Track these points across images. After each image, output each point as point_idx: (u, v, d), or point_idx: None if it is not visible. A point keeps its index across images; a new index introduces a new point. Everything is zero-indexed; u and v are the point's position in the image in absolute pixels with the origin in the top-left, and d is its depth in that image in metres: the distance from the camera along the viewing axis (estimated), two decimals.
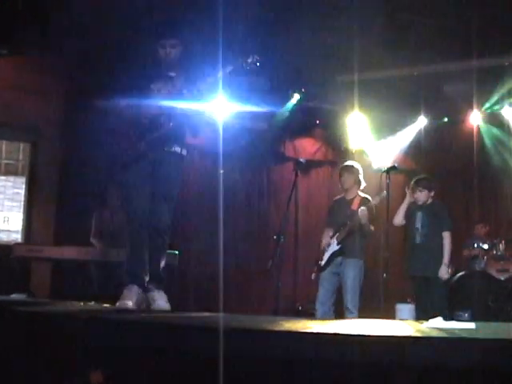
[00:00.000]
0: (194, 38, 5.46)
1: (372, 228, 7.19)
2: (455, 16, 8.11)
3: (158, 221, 4.92)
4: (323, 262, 7.22)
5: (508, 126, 10.40)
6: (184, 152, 5.04)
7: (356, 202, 7.18)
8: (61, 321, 4.01)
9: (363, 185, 7.27)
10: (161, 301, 4.91)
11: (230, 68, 4.84)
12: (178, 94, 4.85)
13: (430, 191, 7.30)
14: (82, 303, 5.45)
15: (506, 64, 9.00)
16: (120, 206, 7.65)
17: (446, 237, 7.10)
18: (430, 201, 7.33)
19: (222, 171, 8.51)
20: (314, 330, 3.28)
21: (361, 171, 7.30)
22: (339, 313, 7.17)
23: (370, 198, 7.15)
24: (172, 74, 5.01)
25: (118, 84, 5.14)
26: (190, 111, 4.85)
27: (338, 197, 7.55)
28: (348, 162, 7.53)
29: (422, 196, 7.27)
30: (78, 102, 8.46)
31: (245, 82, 9.01)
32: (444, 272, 7.00)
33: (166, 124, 4.83)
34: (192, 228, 9.64)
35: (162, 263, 5.02)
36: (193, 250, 9.24)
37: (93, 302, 5.81)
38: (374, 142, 10.82)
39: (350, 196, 7.29)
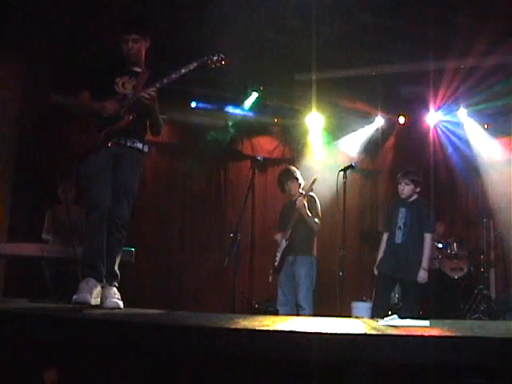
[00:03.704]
0: (159, 33, 5.44)
1: (317, 220, 7.28)
2: (413, 18, 8.19)
3: (118, 216, 4.86)
4: (276, 263, 7.31)
5: (463, 127, 10.56)
6: (146, 149, 5.03)
7: (300, 198, 7.32)
8: (13, 319, 3.94)
9: (303, 183, 7.45)
10: (113, 298, 4.81)
11: (194, 65, 4.89)
12: (141, 90, 4.84)
13: (416, 186, 6.88)
14: (35, 301, 5.39)
15: (462, 67, 9.11)
16: (74, 200, 7.57)
17: (427, 239, 6.69)
18: (414, 197, 6.92)
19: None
20: (270, 328, 3.28)
21: (298, 172, 7.53)
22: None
23: (314, 194, 7.31)
24: (137, 69, 5.03)
25: (80, 76, 5.09)
26: (152, 108, 4.87)
27: (285, 202, 7.73)
28: (286, 169, 7.69)
29: (407, 190, 6.86)
30: (35, 97, 8.33)
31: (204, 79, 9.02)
32: (423, 277, 6.59)
33: (126, 117, 4.81)
34: (147, 225, 9.58)
35: (118, 259, 4.96)
36: (148, 246, 9.18)
37: (47, 299, 5.75)
38: (332, 141, 10.90)
39: (294, 197, 7.43)
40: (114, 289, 4.91)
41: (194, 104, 10.08)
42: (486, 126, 10.44)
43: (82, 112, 5.04)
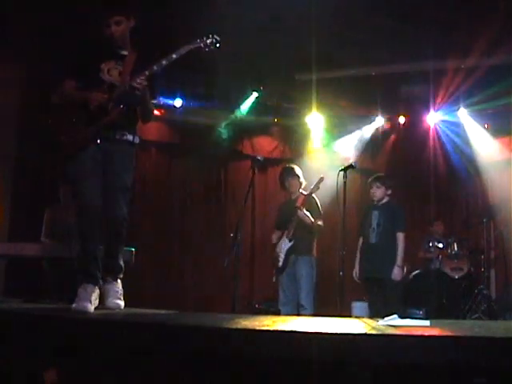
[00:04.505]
0: (148, 15, 5.22)
1: (320, 223, 7.31)
2: (413, 18, 8.19)
3: (116, 216, 4.70)
4: (280, 263, 7.32)
5: (463, 127, 10.55)
6: (136, 140, 4.79)
7: (300, 199, 7.34)
8: (13, 319, 3.95)
9: (304, 183, 7.52)
10: (114, 298, 4.72)
11: (186, 49, 4.66)
12: (129, 76, 4.62)
13: (386, 189, 7.14)
14: (34, 301, 5.38)
15: (462, 67, 9.11)
16: (72, 201, 7.51)
17: (400, 238, 6.94)
18: (386, 199, 7.17)
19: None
20: (271, 328, 3.27)
21: (300, 171, 7.59)
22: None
23: (314, 195, 7.32)
24: (123, 52, 4.77)
25: (68, 67, 4.92)
26: (140, 94, 4.60)
27: (285, 200, 7.75)
28: (288, 166, 7.73)
29: (379, 192, 7.13)
30: (35, 97, 8.30)
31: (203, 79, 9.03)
32: (397, 274, 6.84)
33: (115, 109, 4.58)
34: (147, 225, 9.57)
35: (121, 254, 4.84)
36: (148, 246, 9.16)
37: (47, 299, 5.74)
38: (332, 141, 10.89)
39: (294, 196, 7.46)
40: (118, 285, 4.80)
41: (193, 104, 10.07)
42: (485, 126, 10.44)
43: (67, 102, 4.73)
